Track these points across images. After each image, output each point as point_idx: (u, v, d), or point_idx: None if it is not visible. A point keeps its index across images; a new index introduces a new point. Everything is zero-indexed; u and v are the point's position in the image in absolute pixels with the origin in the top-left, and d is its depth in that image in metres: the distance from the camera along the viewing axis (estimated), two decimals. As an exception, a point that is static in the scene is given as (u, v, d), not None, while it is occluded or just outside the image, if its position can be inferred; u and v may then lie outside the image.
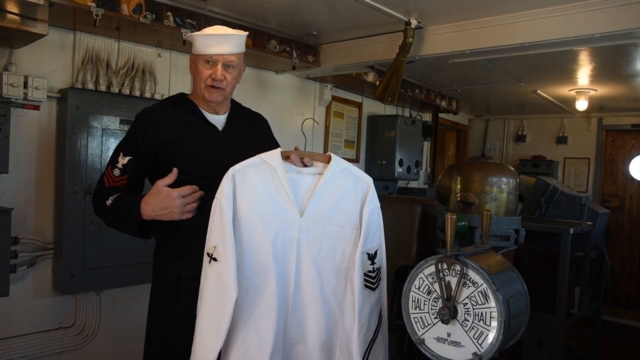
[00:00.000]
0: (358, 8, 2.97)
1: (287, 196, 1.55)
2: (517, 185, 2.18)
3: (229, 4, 3.07)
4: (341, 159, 1.63)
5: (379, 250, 1.62)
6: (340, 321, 1.59)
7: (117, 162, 1.76)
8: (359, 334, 1.55)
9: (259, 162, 1.56)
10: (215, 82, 1.77)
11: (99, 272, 2.96)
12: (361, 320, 1.56)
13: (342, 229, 1.58)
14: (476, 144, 7.00)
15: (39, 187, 2.92)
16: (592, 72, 4.07)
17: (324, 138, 4.67)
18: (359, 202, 1.60)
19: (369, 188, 1.61)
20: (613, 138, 6.21)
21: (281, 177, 1.55)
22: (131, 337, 3.25)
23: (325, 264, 1.58)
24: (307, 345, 1.59)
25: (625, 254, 6.09)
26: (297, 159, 1.59)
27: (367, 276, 1.58)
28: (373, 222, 1.60)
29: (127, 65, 3.14)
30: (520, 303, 1.66)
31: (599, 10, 2.67)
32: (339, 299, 1.59)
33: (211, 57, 1.76)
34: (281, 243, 1.55)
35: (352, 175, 1.61)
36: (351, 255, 1.57)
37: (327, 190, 1.58)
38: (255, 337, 1.53)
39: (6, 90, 2.66)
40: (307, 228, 1.56)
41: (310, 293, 1.57)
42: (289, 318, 1.57)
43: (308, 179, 1.58)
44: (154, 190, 1.66)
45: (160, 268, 1.81)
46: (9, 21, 2.36)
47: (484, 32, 3.08)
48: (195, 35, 1.78)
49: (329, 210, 1.58)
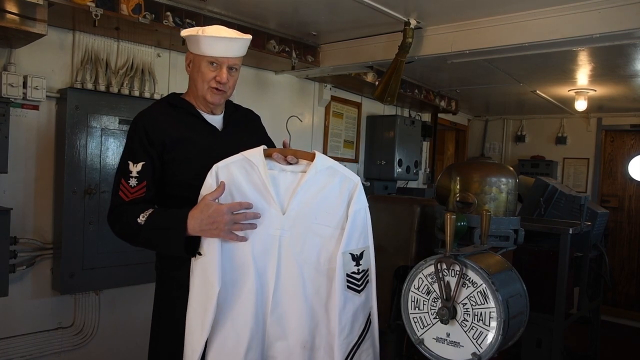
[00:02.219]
0: (357, 8, 2.97)
1: (269, 193, 1.55)
2: (516, 186, 2.18)
3: (228, 4, 3.07)
4: (326, 156, 1.61)
5: (366, 252, 1.59)
6: (325, 322, 1.57)
7: (130, 171, 1.65)
8: (339, 336, 1.54)
9: (242, 160, 1.57)
10: (220, 85, 1.74)
11: (98, 272, 2.96)
12: (342, 322, 1.54)
13: (326, 228, 1.57)
14: (475, 144, 7.01)
15: (38, 187, 2.92)
16: (591, 72, 4.07)
17: (323, 138, 4.68)
18: (344, 201, 1.57)
19: (355, 187, 1.58)
20: (612, 138, 6.22)
21: (263, 175, 1.55)
22: (130, 337, 3.25)
23: (307, 262, 1.57)
24: (289, 343, 1.58)
25: (624, 254, 6.09)
26: (280, 157, 1.58)
27: (351, 277, 1.56)
28: (359, 222, 1.57)
29: (126, 65, 3.14)
30: (519, 303, 1.66)
31: (598, 11, 2.67)
32: (323, 299, 1.57)
33: (217, 60, 1.72)
34: (261, 239, 1.55)
35: (338, 174, 1.59)
36: (335, 255, 1.55)
37: (310, 188, 1.56)
38: (231, 331, 1.54)
39: (5, 90, 2.66)
40: (290, 226, 1.56)
41: (292, 291, 1.56)
42: (269, 315, 1.57)
43: (291, 177, 1.57)
44: (202, 204, 1.54)
45: (163, 270, 1.80)
46: (8, 21, 2.35)
47: (483, 33, 3.09)
48: (201, 36, 1.70)
49: (313, 209, 1.56)
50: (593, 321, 3.46)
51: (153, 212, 1.60)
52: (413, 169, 5.19)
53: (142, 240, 1.61)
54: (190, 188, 1.63)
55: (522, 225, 2.17)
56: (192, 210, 1.54)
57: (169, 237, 1.56)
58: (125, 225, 1.62)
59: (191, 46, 1.78)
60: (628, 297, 6.03)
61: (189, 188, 1.64)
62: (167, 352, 1.74)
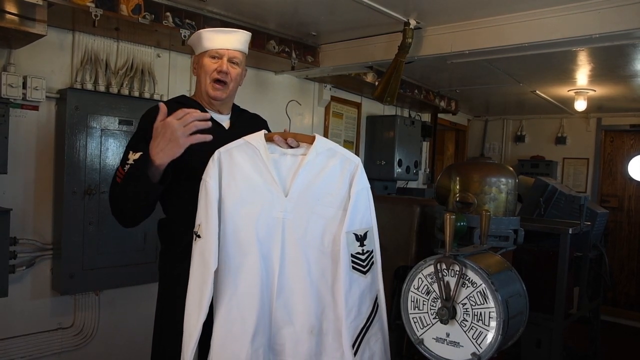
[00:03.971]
0: (357, 8, 2.97)
1: (271, 176, 1.56)
2: (516, 186, 2.18)
3: (228, 5, 3.07)
4: (326, 139, 1.62)
5: (370, 232, 1.58)
6: (332, 306, 1.56)
7: (128, 159, 1.70)
8: (346, 318, 1.52)
9: (244, 144, 1.58)
10: (220, 75, 1.79)
11: (98, 273, 2.96)
12: (349, 304, 1.52)
13: (329, 209, 1.56)
14: (475, 144, 7.01)
15: (38, 187, 2.92)
16: (591, 72, 4.07)
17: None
18: (346, 182, 1.57)
19: (356, 168, 1.59)
20: (612, 138, 6.22)
21: (264, 158, 1.56)
22: (130, 337, 3.25)
23: (311, 245, 1.56)
24: (296, 328, 1.56)
25: (624, 254, 6.09)
26: (280, 140, 1.59)
27: (355, 258, 1.55)
28: (361, 203, 1.57)
29: (126, 65, 3.14)
30: (519, 303, 1.66)
31: (597, 11, 2.67)
32: (329, 282, 1.56)
33: (217, 52, 1.80)
34: (265, 222, 1.55)
35: (339, 155, 1.59)
36: (339, 237, 1.54)
37: (311, 170, 1.57)
38: (238, 315, 1.54)
39: (5, 90, 2.65)
40: (293, 208, 1.56)
41: (297, 274, 1.56)
42: (275, 299, 1.56)
43: (292, 160, 1.58)
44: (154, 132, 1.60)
45: (167, 269, 1.81)
46: (7, 21, 2.35)
47: (482, 33, 3.09)
48: (202, 31, 1.80)
49: (315, 191, 1.57)
50: (593, 321, 3.46)
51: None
52: (413, 169, 5.19)
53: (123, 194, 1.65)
54: (194, 179, 1.64)
55: (521, 225, 2.17)
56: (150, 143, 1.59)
57: (138, 175, 1.60)
58: (112, 194, 1.70)
59: (195, 48, 1.86)
60: (628, 297, 6.03)
61: (193, 179, 1.65)
62: (170, 350, 1.74)
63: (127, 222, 1.75)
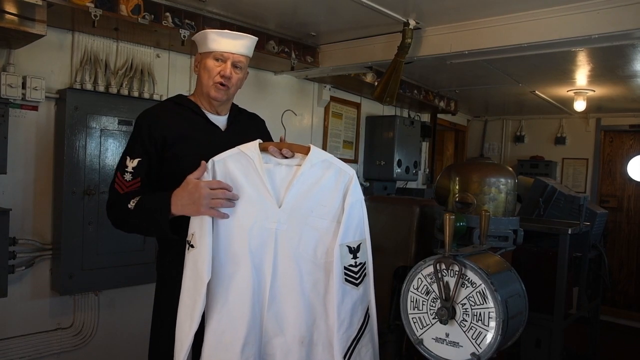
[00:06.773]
0: (356, 9, 2.97)
1: (265, 187, 1.55)
2: (516, 186, 2.18)
3: (227, 5, 3.07)
4: (321, 150, 1.62)
5: (363, 244, 1.58)
6: (323, 317, 1.57)
7: (126, 166, 1.70)
8: (338, 330, 1.53)
9: (238, 153, 1.59)
10: (223, 79, 1.78)
11: (98, 273, 2.96)
12: (341, 316, 1.53)
13: (322, 221, 1.56)
14: (474, 145, 7.01)
15: (38, 187, 2.92)
16: (590, 72, 4.08)
17: (323, 139, 4.68)
18: (340, 194, 1.57)
19: (350, 180, 1.59)
20: (611, 138, 6.23)
21: (258, 168, 1.56)
22: (129, 338, 3.25)
23: (304, 256, 1.56)
24: (286, 339, 1.57)
25: (623, 254, 6.10)
26: (275, 151, 1.59)
27: (348, 270, 1.55)
28: (355, 215, 1.57)
29: (125, 65, 3.14)
30: (518, 303, 1.66)
31: (597, 11, 2.68)
32: (321, 294, 1.57)
33: (222, 55, 1.78)
34: (258, 233, 1.55)
35: (333, 167, 1.60)
36: (332, 249, 1.55)
37: (306, 182, 1.57)
38: (228, 324, 1.54)
39: (4, 90, 2.65)
40: (286, 219, 1.56)
41: (289, 285, 1.56)
42: (267, 309, 1.56)
43: (286, 170, 1.58)
44: (183, 183, 1.58)
45: (164, 270, 1.81)
46: (7, 22, 2.35)
47: (482, 33, 3.09)
48: (209, 31, 1.79)
49: (309, 202, 1.56)
50: (592, 321, 3.46)
51: (141, 197, 1.65)
52: (412, 169, 5.19)
53: (133, 224, 1.67)
54: None
55: (521, 225, 2.17)
56: (176, 190, 1.59)
57: (155, 218, 1.61)
58: (118, 213, 1.69)
59: (199, 46, 1.85)
60: (627, 297, 6.03)
61: None
62: (167, 351, 1.74)
63: (125, 232, 1.77)
